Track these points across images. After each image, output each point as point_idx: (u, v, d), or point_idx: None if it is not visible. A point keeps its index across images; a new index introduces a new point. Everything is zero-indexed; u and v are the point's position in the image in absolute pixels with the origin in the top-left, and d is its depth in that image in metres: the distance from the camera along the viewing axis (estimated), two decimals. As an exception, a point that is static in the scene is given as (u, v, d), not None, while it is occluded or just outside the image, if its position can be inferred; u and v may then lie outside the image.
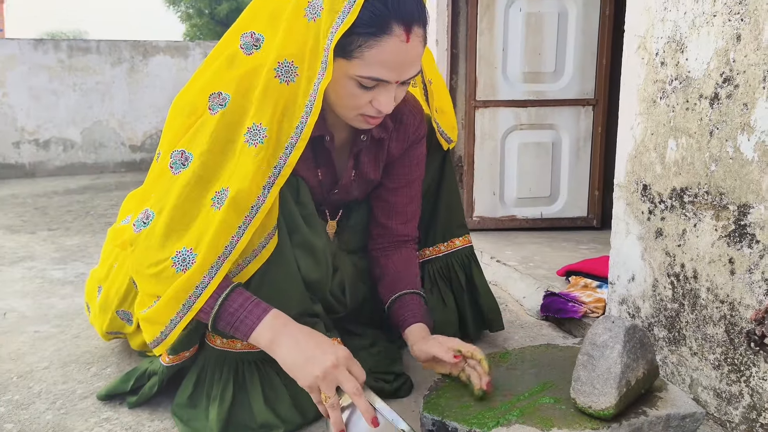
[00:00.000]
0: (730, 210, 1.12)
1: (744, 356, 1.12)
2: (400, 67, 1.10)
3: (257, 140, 1.09)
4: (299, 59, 1.10)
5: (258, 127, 1.09)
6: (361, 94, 1.13)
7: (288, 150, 1.11)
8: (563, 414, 1.06)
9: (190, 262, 1.07)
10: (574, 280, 1.94)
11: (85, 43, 5.79)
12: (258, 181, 1.09)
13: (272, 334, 1.07)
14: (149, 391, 1.26)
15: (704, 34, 1.16)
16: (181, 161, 1.12)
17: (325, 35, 1.07)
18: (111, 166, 5.86)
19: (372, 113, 1.17)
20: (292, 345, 1.06)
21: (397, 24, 1.07)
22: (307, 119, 1.10)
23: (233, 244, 1.09)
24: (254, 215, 1.10)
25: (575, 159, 2.83)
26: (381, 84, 1.12)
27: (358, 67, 1.09)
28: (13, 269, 2.41)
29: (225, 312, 1.09)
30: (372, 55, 1.08)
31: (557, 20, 2.70)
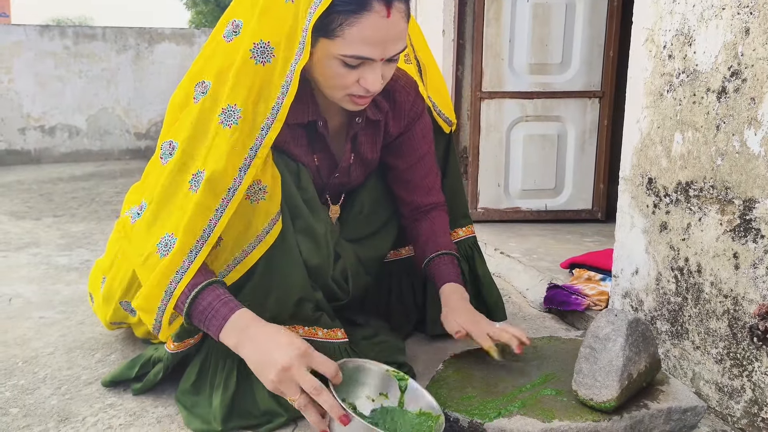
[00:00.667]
0: (736, 204, 1.12)
1: (747, 351, 1.12)
2: (383, 44, 1.09)
3: (231, 121, 1.08)
4: (276, 40, 1.09)
5: (233, 108, 1.08)
6: (347, 73, 1.12)
7: (264, 131, 1.11)
8: (565, 406, 1.07)
9: (171, 246, 1.08)
10: (577, 273, 1.94)
11: (91, 29, 5.79)
12: (234, 163, 1.09)
13: (236, 337, 1.06)
14: (154, 377, 1.27)
15: (713, 27, 1.16)
16: (168, 151, 1.14)
17: (303, 16, 1.07)
18: (116, 153, 5.87)
19: (360, 92, 1.15)
20: (252, 348, 1.05)
21: (377, 0, 1.06)
22: (283, 100, 1.10)
23: (211, 227, 1.09)
24: (231, 197, 1.10)
25: (581, 151, 2.82)
26: (366, 62, 1.10)
27: (340, 45, 1.08)
28: (19, 255, 2.42)
29: (195, 310, 1.09)
30: (353, 33, 1.06)
31: (565, 11, 2.68)
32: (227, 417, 1.16)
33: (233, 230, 1.15)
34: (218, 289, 1.11)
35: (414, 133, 1.43)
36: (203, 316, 1.09)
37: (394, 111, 1.38)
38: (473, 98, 2.77)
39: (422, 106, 1.43)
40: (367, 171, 1.44)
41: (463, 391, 1.15)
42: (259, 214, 1.15)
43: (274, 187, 1.17)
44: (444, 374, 1.23)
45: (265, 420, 1.17)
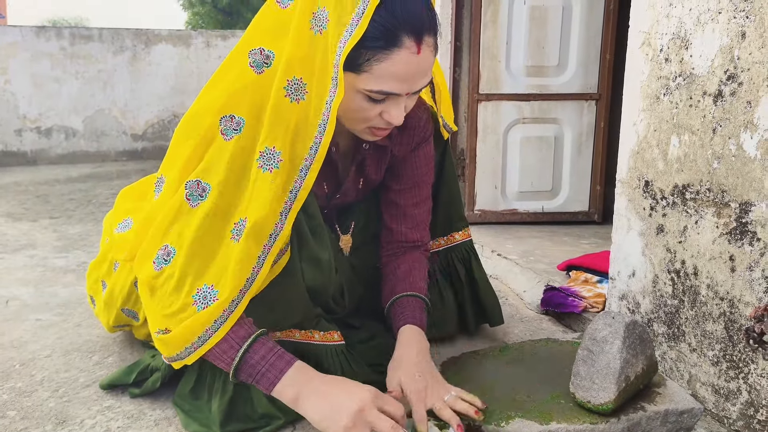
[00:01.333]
0: (732, 207, 1.13)
1: (743, 353, 1.12)
2: (412, 79, 1.06)
3: (272, 165, 1.04)
4: (308, 76, 1.04)
5: (271, 151, 1.04)
6: (370, 108, 1.08)
7: (303, 172, 1.06)
8: (562, 408, 1.07)
9: (212, 299, 1.04)
10: (574, 275, 1.94)
11: (87, 30, 5.78)
12: (275, 208, 1.05)
13: (296, 390, 1.03)
14: (152, 385, 1.27)
15: (709, 30, 1.16)
16: (198, 192, 1.06)
17: (333, 50, 1.02)
18: (112, 154, 5.86)
19: (381, 125, 1.12)
20: (316, 399, 1.02)
21: (408, 36, 1.02)
22: (321, 139, 1.05)
23: (254, 276, 1.05)
24: (273, 243, 1.06)
25: (577, 154, 2.83)
26: (391, 97, 1.07)
27: (367, 81, 1.04)
28: (15, 257, 2.42)
29: (246, 363, 1.05)
30: (382, 68, 1.03)
31: (561, 14, 2.69)
32: (226, 421, 1.16)
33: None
34: (269, 342, 1.07)
35: (417, 157, 1.39)
36: (254, 370, 1.05)
37: (403, 135, 1.34)
38: (470, 100, 2.78)
39: (431, 130, 1.39)
40: (368, 191, 1.43)
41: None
42: None
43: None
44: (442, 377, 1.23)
45: (263, 423, 1.17)
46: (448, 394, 1.10)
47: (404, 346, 1.21)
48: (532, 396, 1.12)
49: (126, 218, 1.32)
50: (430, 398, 1.09)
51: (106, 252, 1.44)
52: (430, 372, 1.15)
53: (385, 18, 1.01)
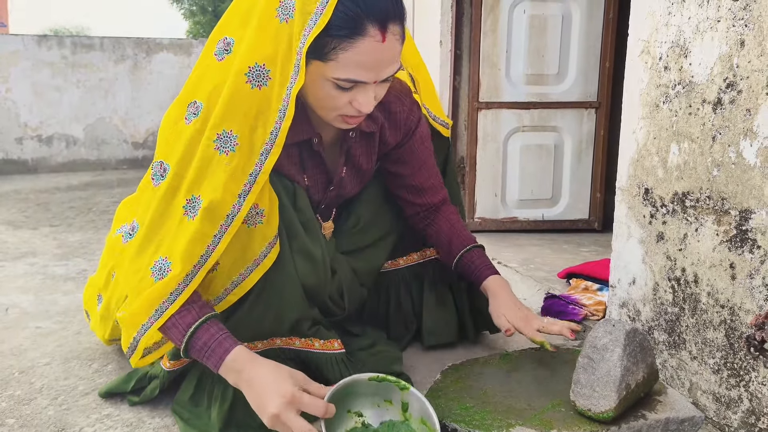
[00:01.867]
0: (732, 215, 1.13)
1: (744, 361, 1.12)
2: (377, 68, 1.08)
3: (228, 148, 1.07)
4: (271, 62, 1.06)
5: (228, 134, 1.07)
6: (339, 95, 1.10)
7: (263, 156, 1.09)
8: (563, 416, 1.07)
9: (166, 271, 1.07)
10: (574, 283, 1.94)
11: (88, 39, 5.79)
12: (232, 190, 1.07)
13: (233, 378, 1.07)
14: (150, 393, 1.27)
15: (708, 39, 1.17)
16: (160, 172, 1.12)
17: (297, 38, 1.04)
18: (113, 162, 5.86)
19: (352, 113, 1.14)
20: (247, 392, 1.05)
21: (372, 24, 1.04)
22: (281, 124, 1.08)
23: (208, 253, 1.08)
24: (230, 224, 1.08)
25: (577, 162, 2.83)
26: (359, 84, 1.09)
27: (333, 69, 1.06)
28: (16, 265, 2.42)
29: (193, 348, 1.09)
30: (347, 57, 1.05)
31: (561, 23, 2.70)
32: (225, 428, 1.16)
33: (230, 254, 1.13)
34: (212, 327, 1.09)
35: (414, 141, 1.43)
36: (200, 354, 1.08)
37: (390, 121, 1.38)
38: (470, 108, 2.79)
39: (418, 114, 1.43)
40: (362, 182, 1.44)
41: (462, 401, 1.15)
42: (256, 238, 1.14)
43: (271, 211, 1.15)
44: (442, 384, 1.23)
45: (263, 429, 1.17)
46: (545, 319, 1.34)
47: (497, 293, 1.39)
48: (532, 404, 1.12)
49: (123, 224, 1.33)
50: (534, 322, 1.31)
51: (104, 266, 1.44)
52: (525, 308, 1.36)
53: (349, 7, 1.03)
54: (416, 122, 1.42)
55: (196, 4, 19.37)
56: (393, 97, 1.36)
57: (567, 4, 2.69)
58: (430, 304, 1.55)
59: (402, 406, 1.10)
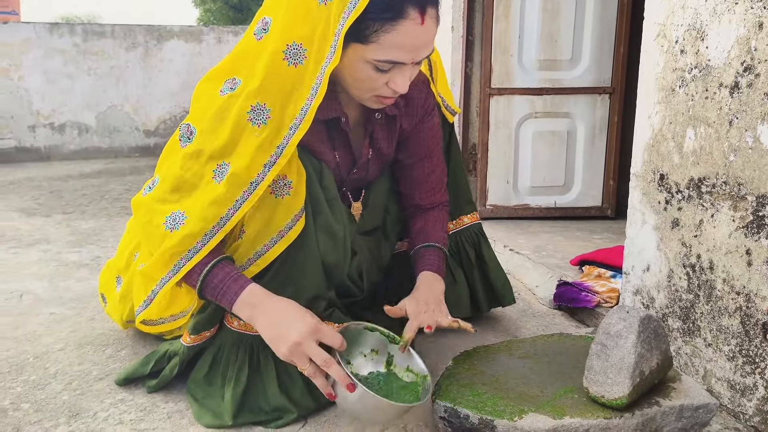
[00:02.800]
0: (749, 201, 1.11)
1: (759, 348, 1.11)
2: (416, 49, 1.11)
3: (260, 120, 1.11)
4: (308, 42, 1.10)
5: (262, 107, 1.11)
6: (378, 77, 1.14)
7: (291, 130, 1.12)
8: (575, 403, 1.06)
9: (179, 223, 1.12)
10: (587, 270, 1.93)
11: (100, 27, 5.80)
12: (260, 159, 1.11)
13: (249, 311, 1.11)
14: (170, 372, 1.27)
15: (725, 21, 1.14)
16: (187, 135, 1.17)
17: (336, 20, 1.07)
18: (125, 150, 5.88)
19: (388, 94, 1.18)
20: (265, 322, 1.09)
21: (412, 7, 1.07)
22: (312, 101, 1.11)
23: (228, 216, 1.12)
24: (253, 190, 1.12)
25: (590, 148, 2.81)
26: (397, 65, 1.12)
27: (374, 51, 1.09)
28: (29, 252, 2.43)
29: (208, 285, 1.13)
30: (388, 39, 1.08)
31: (575, 7, 2.67)
32: (238, 412, 1.16)
33: (256, 223, 1.17)
34: (227, 266, 1.14)
35: (423, 129, 1.43)
36: (215, 292, 1.13)
37: (407, 107, 1.39)
38: (482, 94, 2.77)
39: (433, 102, 1.44)
40: (383, 166, 1.45)
41: (473, 387, 1.14)
42: (282, 209, 1.17)
43: (299, 184, 1.18)
44: (454, 371, 1.22)
45: (275, 416, 1.17)
46: (443, 319, 1.24)
47: (417, 288, 1.33)
48: (544, 391, 1.11)
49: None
50: (425, 319, 1.23)
51: (125, 248, 1.45)
52: (437, 305, 1.28)
53: None
54: (430, 110, 1.44)
55: (206, -9, 19.33)
56: (412, 84, 1.37)
57: (581, -12, 2.66)
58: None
59: (387, 358, 1.19)
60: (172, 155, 1.19)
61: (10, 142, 5.52)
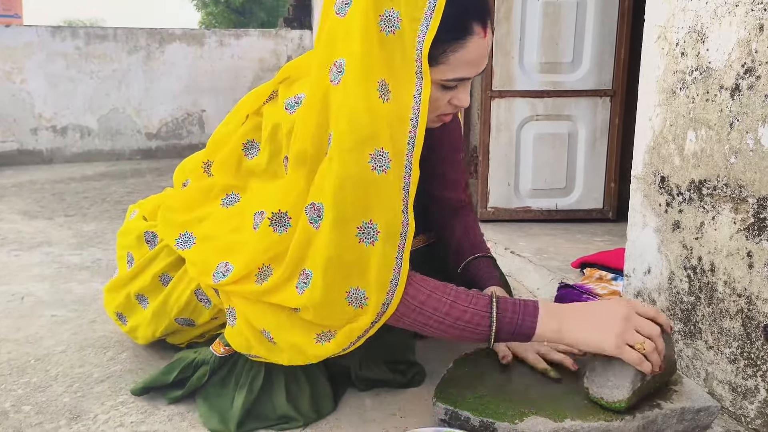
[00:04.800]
0: (750, 203, 1.11)
1: (761, 350, 1.11)
2: (481, 63, 1.12)
3: (384, 166, 1.03)
4: (390, 76, 1.04)
5: (380, 152, 1.03)
6: (443, 96, 1.13)
7: (408, 167, 1.06)
8: (576, 405, 1.06)
9: (364, 301, 1.06)
10: (588, 272, 1.93)
11: (102, 30, 5.81)
12: (397, 206, 1.05)
13: (557, 322, 1.05)
14: (198, 381, 1.24)
15: (726, 24, 1.15)
16: (315, 215, 1.06)
17: (412, 45, 1.04)
18: (127, 153, 5.89)
19: (449, 111, 1.17)
20: (578, 323, 1.05)
21: (476, 22, 1.07)
22: (416, 132, 1.05)
23: (396, 277, 1.06)
24: (405, 241, 1.06)
25: (591, 150, 2.81)
26: (462, 82, 1.13)
27: (444, 71, 1.08)
28: (31, 254, 2.44)
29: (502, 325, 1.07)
30: (458, 57, 1.07)
31: (576, 10, 2.67)
32: (244, 419, 1.17)
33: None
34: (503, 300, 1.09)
35: (453, 124, 1.43)
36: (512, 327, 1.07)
37: None
38: (483, 97, 2.77)
39: None
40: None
41: (474, 390, 1.14)
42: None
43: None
44: (455, 373, 1.22)
45: (281, 421, 1.18)
46: (542, 346, 1.23)
47: None
48: (545, 393, 1.11)
49: (184, 232, 1.28)
50: (536, 347, 1.23)
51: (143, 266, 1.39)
52: None
53: (454, 9, 1.05)
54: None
55: (208, -6, 19.39)
56: None
57: (582, -9, 2.66)
58: None
59: None
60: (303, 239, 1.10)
61: (12, 145, 5.53)
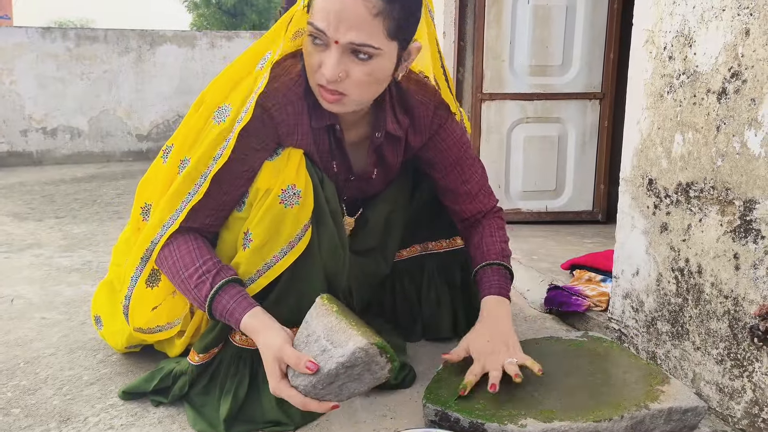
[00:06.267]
0: (736, 205, 1.12)
1: (747, 351, 1.12)
2: (337, 20, 1.06)
3: (221, 119, 1.17)
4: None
5: (226, 108, 1.18)
6: (313, 53, 1.12)
7: (239, 123, 1.15)
8: (564, 406, 1.07)
9: (147, 214, 1.24)
10: (578, 274, 1.94)
11: (92, 31, 5.79)
12: (211, 153, 1.16)
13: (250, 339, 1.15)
14: (179, 391, 1.25)
15: (713, 28, 1.16)
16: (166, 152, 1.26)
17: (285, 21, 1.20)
18: (117, 154, 5.87)
19: (322, 81, 1.12)
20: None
21: None
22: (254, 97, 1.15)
23: (181, 208, 1.17)
24: (202, 182, 1.17)
25: (581, 153, 2.83)
26: (325, 42, 1.09)
27: (311, 15, 1.10)
28: (21, 256, 2.43)
29: (215, 310, 1.15)
30: (318, 2, 1.08)
31: (565, 13, 2.69)
32: (231, 423, 1.16)
33: (264, 233, 1.15)
34: (226, 294, 1.14)
35: (438, 141, 1.39)
36: (222, 317, 1.15)
37: (414, 126, 1.36)
38: (474, 100, 2.78)
39: (444, 116, 1.38)
40: (387, 180, 1.43)
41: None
42: (291, 219, 1.16)
43: (306, 194, 1.17)
44: (445, 375, 1.23)
45: (270, 425, 1.18)
46: (508, 359, 1.17)
47: (481, 319, 1.29)
48: (534, 394, 1.12)
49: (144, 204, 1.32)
50: (489, 363, 1.17)
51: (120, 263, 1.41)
52: (503, 342, 1.21)
53: None
54: (440, 124, 1.38)
55: (199, -4, 19.34)
56: (417, 102, 1.34)
57: (571, -5, 2.68)
58: (429, 300, 1.55)
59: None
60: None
61: (2, 146, 5.50)
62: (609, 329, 1.54)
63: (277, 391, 1.05)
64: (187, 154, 1.19)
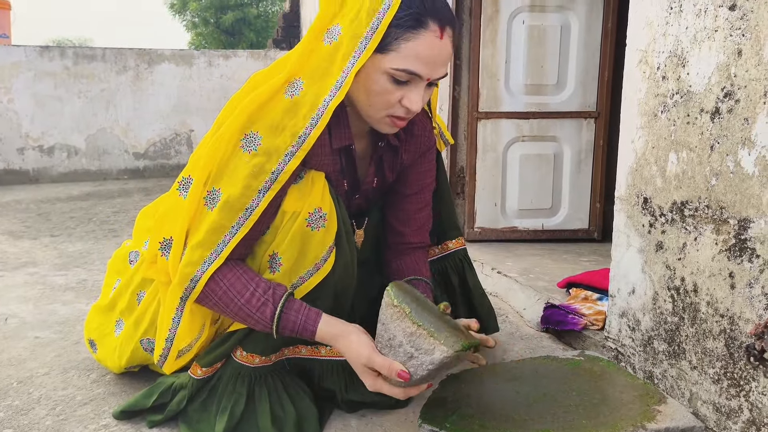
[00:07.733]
0: (731, 224, 1.13)
1: (744, 371, 1.12)
2: (433, 63, 1.12)
3: (252, 147, 1.13)
4: (308, 77, 1.14)
5: (255, 135, 1.13)
6: (393, 90, 1.14)
7: (287, 158, 1.13)
8: (562, 424, 1.06)
9: (167, 249, 1.15)
10: (574, 292, 1.94)
11: (90, 50, 5.82)
12: (252, 185, 1.12)
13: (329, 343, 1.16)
14: (177, 406, 1.24)
15: (705, 48, 1.17)
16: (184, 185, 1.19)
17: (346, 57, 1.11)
18: (114, 173, 5.87)
19: (401, 113, 1.17)
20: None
21: (433, 20, 1.10)
22: (311, 131, 1.12)
23: (225, 242, 1.13)
24: (248, 216, 1.13)
25: (577, 171, 2.84)
26: (413, 81, 1.13)
27: (393, 59, 1.10)
28: (15, 275, 2.42)
29: (284, 328, 1.15)
30: (408, 47, 1.10)
31: (560, 33, 2.71)
32: None
33: (292, 256, 1.17)
34: (294, 302, 1.16)
35: (423, 163, 1.44)
36: (294, 332, 1.15)
37: (409, 143, 1.39)
38: (470, 118, 2.79)
39: (434, 139, 1.45)
40: (383, 192, 1.46)
41: (459, 411, 1.14)
42: (318, 242, 1.18)
43: (331, 216, 1.19)
44: (440, 394, 1.22)
45: None
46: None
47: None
48: (530, 414, 1.12)
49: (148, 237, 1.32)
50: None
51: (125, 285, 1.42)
52: None
53: (414, 5, 1.10)
54: (431, 145, 1.45)
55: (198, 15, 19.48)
56: (417, 119, 1.39)
57: (566, 15, 2.70)
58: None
59: None
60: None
61: (-2, 164, 5.50)
62: (606, 348, 1.53)
63: (375, 388, 1.09)
64: (216, 185, 1.14)
